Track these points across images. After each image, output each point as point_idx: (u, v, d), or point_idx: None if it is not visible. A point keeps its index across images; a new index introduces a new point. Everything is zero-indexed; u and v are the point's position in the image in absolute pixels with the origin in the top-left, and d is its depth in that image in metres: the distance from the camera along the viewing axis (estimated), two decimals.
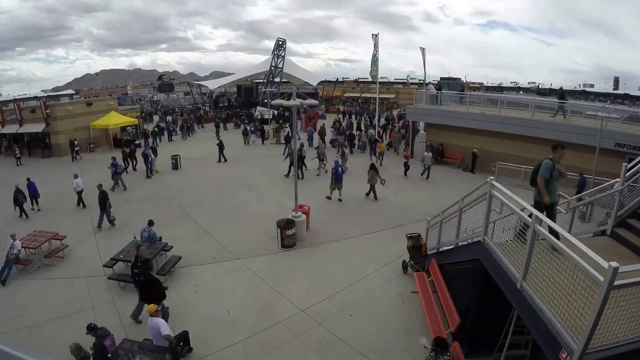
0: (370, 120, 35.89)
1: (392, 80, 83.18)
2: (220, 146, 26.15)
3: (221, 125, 38.46)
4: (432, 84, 31.24)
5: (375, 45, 30.20)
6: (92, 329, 7.74)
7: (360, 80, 75.60)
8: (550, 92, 70.10)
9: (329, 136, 30.66)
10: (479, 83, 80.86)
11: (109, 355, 7.57)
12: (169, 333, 7.70)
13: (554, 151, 7.31)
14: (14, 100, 41.28)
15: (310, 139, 31.31)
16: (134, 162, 24.74)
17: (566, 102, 21.71)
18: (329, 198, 17.99)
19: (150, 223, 12.68)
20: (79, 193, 17.54)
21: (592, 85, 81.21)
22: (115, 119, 31.62)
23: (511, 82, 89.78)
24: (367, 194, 18.34)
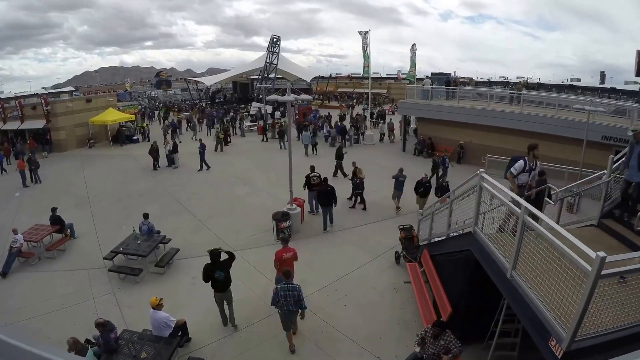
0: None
1: (384, 75, 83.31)
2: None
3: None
4: (429, 78, 31.67)
5: (365, 42, 30.50)
6: (102, 324, 7.85)
7: (352, 75, 76.06)
8: (538, 86, 70.78)
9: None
10: (468, 78, 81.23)
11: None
12: (174, 320, 8.22)
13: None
14: (15, 98, 41.11)
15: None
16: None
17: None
18: None
19: (146, 216, 12.81)
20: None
21: (579, 80, 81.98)
22: (112, 116, 31.71)
23: (500, 77, 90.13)
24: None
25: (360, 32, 31.19)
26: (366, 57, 31.77)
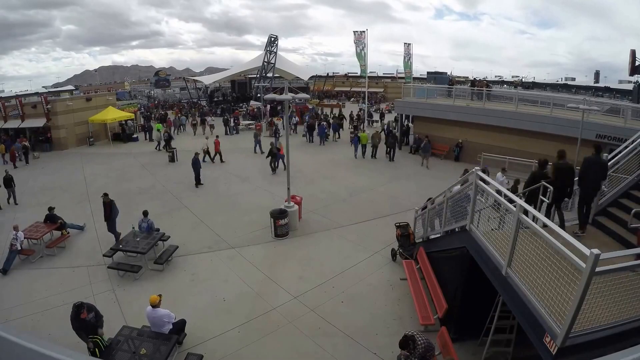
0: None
1: (380, 74, 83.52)
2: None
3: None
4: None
5: (361, 41, 30.62)
6: (86, 308, 7.94)
7: (349, 75, 76.52)
8: (533, 85, 71.04)
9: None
10: (464, 77, 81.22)
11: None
12: (173, 315, 8.33)
13: None
14: (16, 96, 41.11)
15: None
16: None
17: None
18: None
19: (145, 213, 12.85)
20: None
21: (573, 79, 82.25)
22: (112, 114, 31.81)
23: (495, 76, 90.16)
24: None
25: (355, 32, 31.31)
26: (361, 57, 31.87)
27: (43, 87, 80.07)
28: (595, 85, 67.55)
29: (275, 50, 41.45)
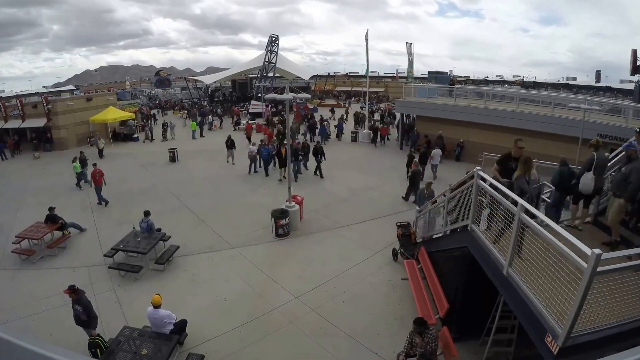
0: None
1: (381, 74, 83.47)
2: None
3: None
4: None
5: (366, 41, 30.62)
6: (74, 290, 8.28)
7: (350, 74, 76.59)
8: (534, 85, 70.89)
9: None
10: (465, 77, 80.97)
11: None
12: (174, 316, 8.36)
13: None
14: (16, 96, 41.18)
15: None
16: None
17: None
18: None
19: (147, 213, 12.85)
20: None
21: (574, 79, 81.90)
22: (112, 114, 31.94)
23: (497, 76, 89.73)
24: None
25: (366, 33, 31.34)
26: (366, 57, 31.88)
27: (43, 87, 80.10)
28: (597, 85, 67.25)
29: (276, 50, 41.51)
